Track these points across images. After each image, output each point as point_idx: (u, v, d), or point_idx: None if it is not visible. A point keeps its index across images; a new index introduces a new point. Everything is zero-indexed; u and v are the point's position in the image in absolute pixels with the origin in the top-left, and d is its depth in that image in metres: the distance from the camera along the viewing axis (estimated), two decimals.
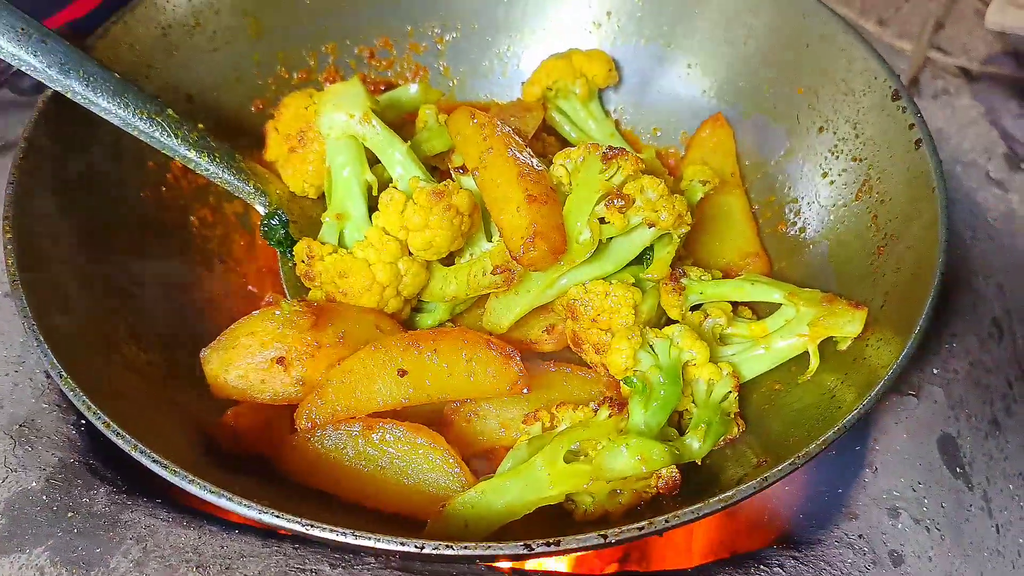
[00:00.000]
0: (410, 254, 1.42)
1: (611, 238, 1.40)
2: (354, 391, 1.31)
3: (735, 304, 1.48)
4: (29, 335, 1.16)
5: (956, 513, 1.41)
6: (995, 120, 2.22)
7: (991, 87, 2.29)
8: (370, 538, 1.02)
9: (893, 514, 1.38)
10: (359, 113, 1.46)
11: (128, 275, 1.46)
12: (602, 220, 1.37)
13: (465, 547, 1.02)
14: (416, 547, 1.01)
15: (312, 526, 1.02)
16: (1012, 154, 2.13)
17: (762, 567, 1.29)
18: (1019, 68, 2.27)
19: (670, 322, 1.46)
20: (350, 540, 1.02)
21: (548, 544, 1.02)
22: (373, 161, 1.51)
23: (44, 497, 1.28)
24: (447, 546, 1.01)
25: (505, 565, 1.35)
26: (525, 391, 1.33)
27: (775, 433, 1.33)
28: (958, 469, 1.46)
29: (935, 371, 1.53)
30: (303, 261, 1.42)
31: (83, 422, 1.40)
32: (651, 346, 1.34)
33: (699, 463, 1.29)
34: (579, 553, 1.26)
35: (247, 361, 1.32)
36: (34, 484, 1.29)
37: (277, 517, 1.03)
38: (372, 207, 1.47)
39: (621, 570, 1.31)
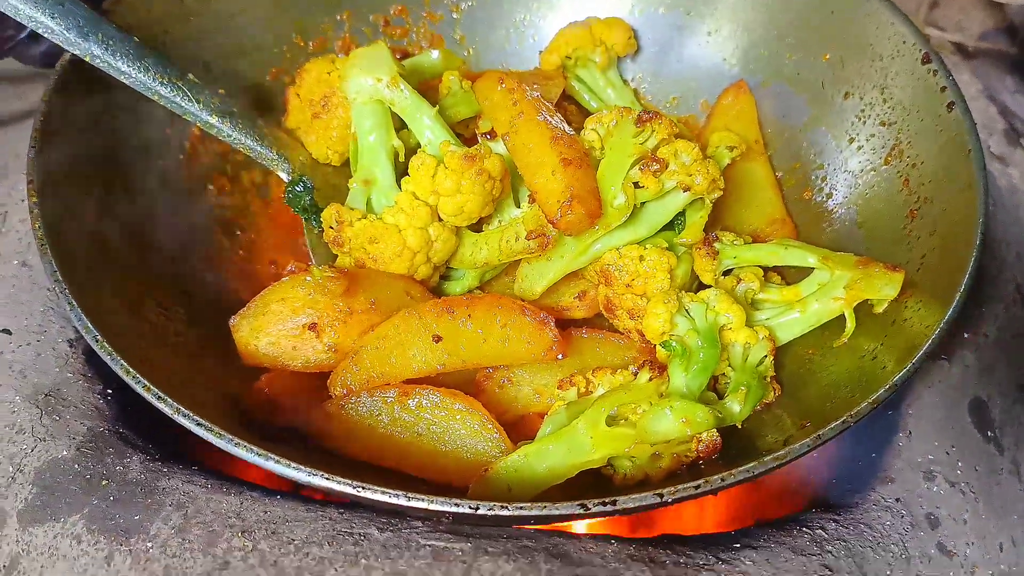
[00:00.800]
0: (440, 220, 1.39)
1: (644, 203, 1.38)
2: (389, 357, 1.29)
3: (764, 270, 1.47)
4: (61, 300, 1.13)
5: (988, 477, 1.41)
6: (993, 96, 2.23)
7: (987, 64, 2.29)
8: (423, 500, 1.00)
9: (928, 477, 1.38)
10: (387, 77, 1.43)
11: (149, 243, 1.43)
12: (636, 184, 1.35)
13: (520, 507, 1.00)
14: (471, 508, 1.00)
15: (364, 488, 1.00)
16: (1011, 130, 2.13)
17: (804, 529, 1.28)
18: (1013, 44, 2.27)
19: (702, 287, 1.44)
20: (402, 503, 1.00)
21: (604, 504, 1.01)
22: (398, 127, 1.49)
23: (76, 466, 1.25)
24: (502, 507, 1.00)
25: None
26: (560, 357, 1.32)
27: (812, 397, 1.32)
28: (988, 433, 1.45)
29: (966, 335, 1.53)
30: (331, 227, 1.40)
31: (109, 391, 1.37)
32: (687, 310, 1.33)
33: (738, 426, 1.28)
34: (633, 514, 1.24)
35: (278, 327, 1.30)
36: (64, 453, 1.26)
37: (327, 480, 1.01)
38: (399, 173, 1.45)
39: (662, 533, 1.30)
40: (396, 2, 1.81)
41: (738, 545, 1.25)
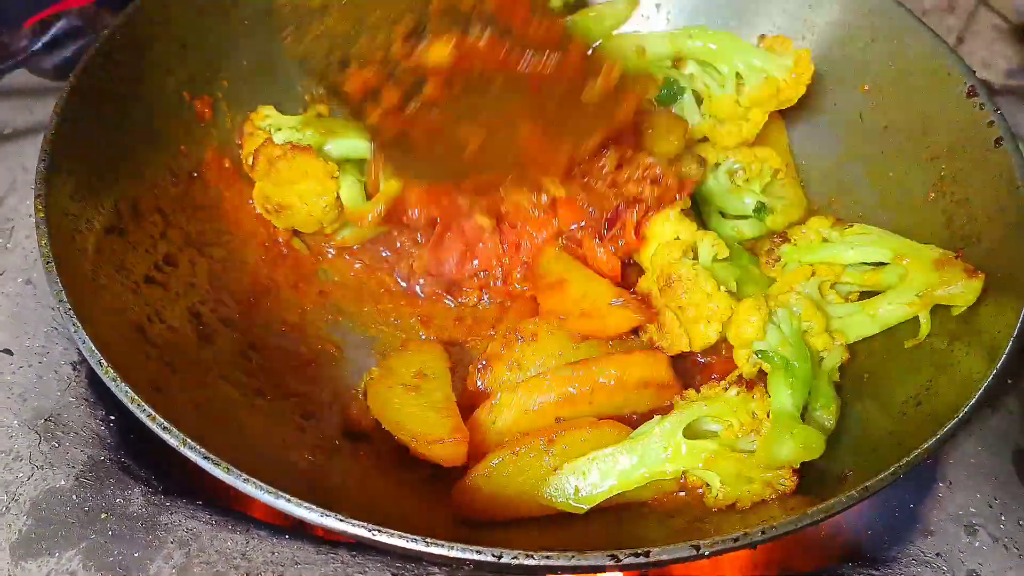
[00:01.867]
0: None
1: None
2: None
3: None
4: (66, 319, 1.07)
5: None
6: (1020, 135, 2.18)
7: (1014, 101, 2.24)
8: (443, 546, 0.94)
9: (970, 531, 1.31)
10: None
11: (158, 261, 1.38)
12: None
13: (547, 556, 0.94)
14: (494, 556, 0.93)
15: (379, 531, 0.94)
16: None
17: None
18: None
19: None
20: (421, 548, 0.94)
21: (637, 555, 0.94)
22: None
23: (74, 497, 1.19)
24: (527, 555, 0.94)
25: None
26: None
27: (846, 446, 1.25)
28: None
29: (1009, 381, 1.46)
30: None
31: (112, 418, 1.31)
32: (774, 317, 1.27)
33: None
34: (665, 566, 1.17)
35: None
36: (63, 482, 1.20)
37: (341, 521, 0.95)
38: None
39: None
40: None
41: None
